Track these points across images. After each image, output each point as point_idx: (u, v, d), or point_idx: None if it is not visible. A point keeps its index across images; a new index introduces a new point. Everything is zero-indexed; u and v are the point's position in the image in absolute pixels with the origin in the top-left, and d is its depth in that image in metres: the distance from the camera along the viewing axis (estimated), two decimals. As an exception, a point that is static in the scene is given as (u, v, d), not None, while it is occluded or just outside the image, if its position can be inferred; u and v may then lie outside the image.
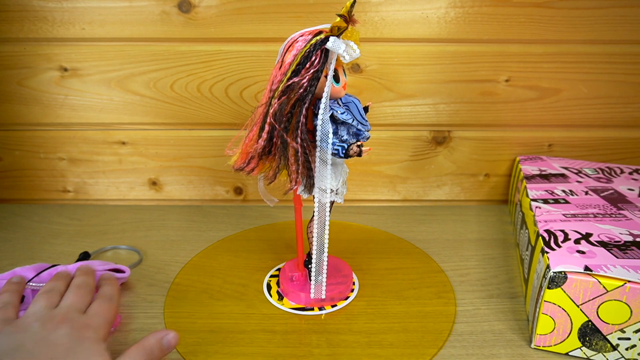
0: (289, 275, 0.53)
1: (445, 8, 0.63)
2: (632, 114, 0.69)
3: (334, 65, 0.41)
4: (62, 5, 0.64)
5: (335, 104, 0.43)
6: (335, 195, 0.47)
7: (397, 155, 0.72)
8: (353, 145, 0.42)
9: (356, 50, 0.41)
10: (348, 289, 0.53)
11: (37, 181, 0.74)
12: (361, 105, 0.46)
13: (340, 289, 0.51)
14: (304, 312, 0.50)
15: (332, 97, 0.43)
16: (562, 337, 0.44)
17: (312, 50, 0.40)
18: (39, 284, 0.51)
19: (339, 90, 0.43)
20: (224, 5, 0.63)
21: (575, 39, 0.65)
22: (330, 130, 0.42)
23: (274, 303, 0.51)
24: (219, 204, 0.76)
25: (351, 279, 0.54)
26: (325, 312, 0.50)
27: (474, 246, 0.63)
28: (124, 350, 0.38)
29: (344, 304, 0.51)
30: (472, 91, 0.68)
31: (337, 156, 0.43)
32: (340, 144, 0.42)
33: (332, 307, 0.51)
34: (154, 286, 0.55)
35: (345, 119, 0.43)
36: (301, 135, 0.41)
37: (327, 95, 0.41)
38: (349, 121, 0.43)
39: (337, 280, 0.53)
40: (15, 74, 0.68)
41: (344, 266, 0.55)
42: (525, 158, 0.69)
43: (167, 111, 0.69)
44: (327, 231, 0.47)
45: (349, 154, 0.42)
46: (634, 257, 0.44)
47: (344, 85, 0.43)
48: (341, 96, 0.44)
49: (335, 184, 0.46)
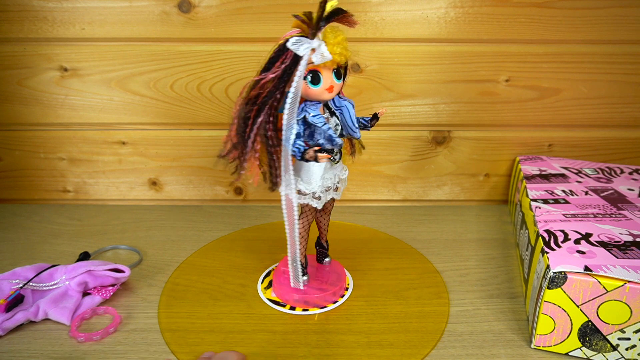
0: (281, 268, 0.53)
1: (445, 8, 0.63)
2: (632, 114, 0.69)
3: (303, 66, 0.40)
4: (62, 5, 0.64)
5: (314, 106, 0.43)
6: (312, 199, 0.46)
7: (397, 155, 0.72)
8: (310, 150, 0.42)
9: (325, 54, 0.40)
10: (330, 298, 0.51)
11: (37, 181, 0.74)
12: (354, 110, 0.45)
13: (321, 295, 0.51)
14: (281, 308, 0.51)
15: (312, 99, 0.43)
16: (562, 337, 0.44)
17: (282, 50, 0.40)
18: (39, 284, 0.51)
19: (317, 92, 0.42)
20: (224, 5, 0.63)
21: (575, 39, 0.65)
22: (294, 131, 0.42)
23: (263, 297, 0.52)
24: (218, 204, 0.76)
25: (339, 289, 0.52)
26: (316, 312, 0.50)
27: (474, 246, 0.63)
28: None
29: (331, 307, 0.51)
30: (472, 91, 0.68)
31: (296, 158, 0.43)
32: (299, 146, 0.42)
33: (303, 309, 0.50)
34: (154, 286, 0.55)
35: (314, 122, 0.42)
36: (267, 133, 0.41)
37: (292, 96, 0.41)
38: (319, 125, 0.43)
39: (322, 286, 0.52)
40: (15, 74, 0.67)
41: (342, 275, 0.54)
42: (525, 158, 0.69)
43: (167, 111, 0.69)
44: (297, 231, 0.47)
45: (305, 157, 0.42)
46: (634, 257, 0.44)
47: (328, 88, 0.43)
48: (324, 98, 0.43)
49: (308, 187, 0.46)
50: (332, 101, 0.45)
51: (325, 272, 0.54)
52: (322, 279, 0.53)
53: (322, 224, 0.53)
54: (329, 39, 0.41)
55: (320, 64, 0.41)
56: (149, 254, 0.61)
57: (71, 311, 0.49)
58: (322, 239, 0.55)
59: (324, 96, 0.43)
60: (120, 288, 0.53)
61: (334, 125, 0.45)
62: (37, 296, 0.51)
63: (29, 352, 0.45)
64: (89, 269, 0.51)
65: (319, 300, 0.51)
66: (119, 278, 0.52)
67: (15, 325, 0.48)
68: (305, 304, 0.50)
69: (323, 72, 0.42)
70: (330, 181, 0.47)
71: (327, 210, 0.52)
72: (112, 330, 0.48)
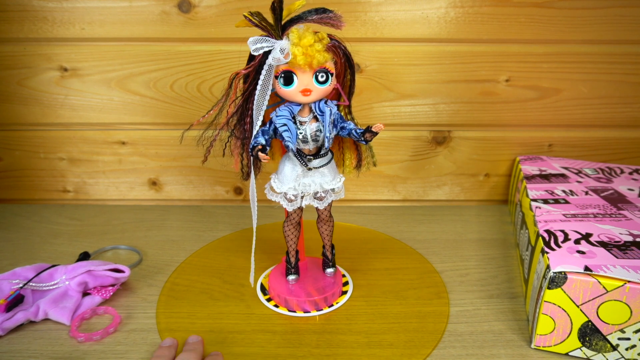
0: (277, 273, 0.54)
1: (445, 8, 0.63)
2: (632, 114, 0.69)
3: (269, 65, 0.40)
4: (62, 5, 0.64)
5: (288, 107, 0.43)
6: (282, 199, 0.47)
7: (397, 155, 0.72)
8: (255, 147, 0.43)
9: (280, 57, 0.40)
10: (313, 306, 0.50)
11: (37, 181, 0.74)
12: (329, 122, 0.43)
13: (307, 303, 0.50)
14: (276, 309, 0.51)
15: (289, 100, 0.43)
16: (562, 337, 0.44)
17: None
18: (39, 284, 0.51)
19: (289, 93, 0.42)
20: (224, 5, 0.63)
21: (575, 39, 0.65)
22: (257, 127, 0.43)
23: (262, 299, 0.52)
24: (219, 204, 0.76)
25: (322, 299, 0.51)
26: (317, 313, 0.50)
27: (474, 246, 0.63)
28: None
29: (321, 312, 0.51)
30: (472, 91, 0.68)
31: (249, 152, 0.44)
32: (255, 142, 0.43)
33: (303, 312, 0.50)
34: (154, 286, 0.55)
35: (274, 121, 0.43)
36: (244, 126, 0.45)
37: (258, 93, 0.41)
38: (277, 124, 0.43)
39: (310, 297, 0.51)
40: (15, 74, 0.67)
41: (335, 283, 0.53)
42: (525, 158, 0.69)
43: (167, 111, 0.69)
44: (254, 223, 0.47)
45: (252, 153, 0.43)
46: (634, 257, 0.44)
47: (304, 90, 0.41)
48: (298, 100, 0.42)
49: (279, 187, 0.46)
50: (316, 105, 0.43)
51: (322, 279, 0.53)
52: (316, 285, 0.52)
53: (321, 232, 0.52)
54: (293, 40, 0.40)
55: (296, 65, 0.40)
56: (149, 254, 0.61)
57: (71, 311, 0.49)
58: (325, 248, 0.53)
59: (297, 98, 0.42)
60: (120, 288, 0.53)
61: (315, 130, 0.44)
62: (37, 296, 0.51)
63: (29, 352, 0.45)
64: (89, 269, 0.51)
65: (307, 306, 0.50)
66: (119, 278, 0.52)
67: (15, 325, 0.48)
68: (286, 305, 0.51)
69: (298, 73, 0.41)
70: (310, 187, 0.46)
71: (323, 220, 0.51)
72: (112, 330, 0.48)
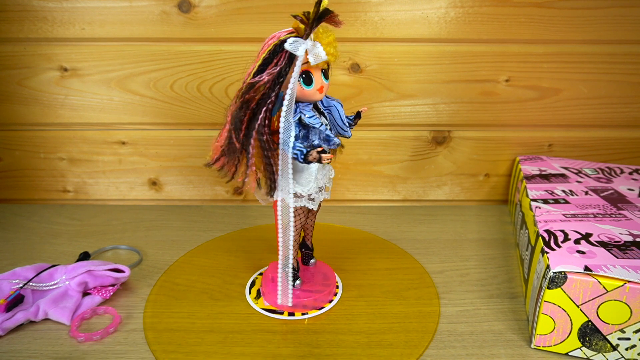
0: (270, 275, 0.53)
1: (445, 8, 0.63)
2: (632, 114, 0.69)
3: (299, 67, 0.40)
4: (62, 5, 0.64)
5: (307, 107, 0.42)
6: (307, 201, 0.46)
7: (397, 155, 0.72)
8: (313, 151, 0.41)
9: (320, 54, 0.40)
10: (326, 298, 0.51)
11: (37, 181, 0.74)
12: (343, 110, 0.45)
13: (316, 297, 0.50)
14: (276, 315, 0.50)
15: (303, 100, 0.42)
16: (562, 337, 0.44)
17: (276, 51, 0.40)
18: (39, 284, 0.51)
19: (310, 93, 0.42)
20: (224, 5, 0.63)
21: (575, 39, 0.65)
22: (292, 134, 0.41)
23: (250, 302, 0.51)
24: (219, 204, 0.76)
25: (332, 288, 0.52)
26: (308, 316, 0.50)
27: (474, 246, 0.63)
28: None
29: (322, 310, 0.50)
30: (472, 91, 0.68)
31: (297, 160, 0.42)
32: (300, 148, 0.41)
33: (302, 314, 0.50)
34: (154, 286, 0.55)
35: (311, 123, 0.42)
36: (262, 137, 0.40)
37: (289, 98, 0.40)
38: (316, 126, 0.42)
39: (315, 287, 0.51)
40: (15, 74, 0.67)
41: (330, 274, 0.54)
42: (525, 158, 0.69)
43: (167, 111, 0.69)
44: (292, 235, 0.46)
45: (308, 159, 0.41)
46: (633, 257, 0.44)
47: (319, 88, 0.42)
48: (315, 99, 0.43)
49: (304, 189, 0.45)
50: (321, 101, 0.44)
51: (310, 273, 0.54)
52: (313, 280, 0.52)
53: (309, 225, 0.52)
54: (322, 39, 0.40)
55: (312, 65, 0.41)
56: (149, 254, 0.61)
57: (71, 311, 0.49)
58: (308, 240, 0.54)
59: (315, 97, 0.43)
60: (120, 288, 0.53)
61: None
62: (37, 296, 0.51)
63: (29, 352, 0.45)
64: (89, 269, 0.51)
65: (318, 301, 0.50)
66: (118, 278, 0.52)
67: (15, 325, 0.48)
68: (304, 308, 0.50)
69: (314, 72, 0.42)
70: (322, 181, 0.47)
71: (314, 212, 0.51)
72: (112, 330, 0.48)
